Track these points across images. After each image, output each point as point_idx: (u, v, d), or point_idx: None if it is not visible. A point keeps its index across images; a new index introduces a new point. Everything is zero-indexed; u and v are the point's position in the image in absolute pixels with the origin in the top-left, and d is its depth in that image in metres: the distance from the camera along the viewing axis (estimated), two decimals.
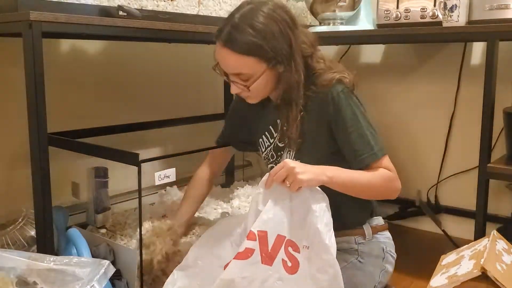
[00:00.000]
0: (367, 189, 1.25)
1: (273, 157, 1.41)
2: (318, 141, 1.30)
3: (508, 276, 1.02)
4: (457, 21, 1.69)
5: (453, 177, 2.13)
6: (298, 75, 1.25)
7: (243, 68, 1.24)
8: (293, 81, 1.25)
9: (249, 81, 1.25)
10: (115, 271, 1.33)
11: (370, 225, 1.36)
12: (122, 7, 1.47)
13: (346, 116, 1.25)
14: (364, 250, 1.33)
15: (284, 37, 1.23)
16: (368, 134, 1.25)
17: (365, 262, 1.32)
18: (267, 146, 1.43)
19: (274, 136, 1.39)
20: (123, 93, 2.05)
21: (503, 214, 2.01)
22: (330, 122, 1.27)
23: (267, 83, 1.27)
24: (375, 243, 1.35)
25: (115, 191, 1.88)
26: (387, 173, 1.24)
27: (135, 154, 1.28)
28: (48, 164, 1.29)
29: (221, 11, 1.83)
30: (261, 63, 1.23)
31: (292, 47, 1.24)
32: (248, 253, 1.09)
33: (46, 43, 1.25)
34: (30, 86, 1.26)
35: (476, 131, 1.63)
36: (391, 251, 1.38)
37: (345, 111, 1.25)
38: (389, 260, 1.36)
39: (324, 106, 1.26)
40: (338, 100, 1.25)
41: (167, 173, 1.33)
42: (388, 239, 1.39)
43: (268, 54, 1.22)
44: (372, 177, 1.23)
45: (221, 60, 1.27)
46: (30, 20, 1.20)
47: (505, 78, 1.88)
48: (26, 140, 1.30)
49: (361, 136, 1.24)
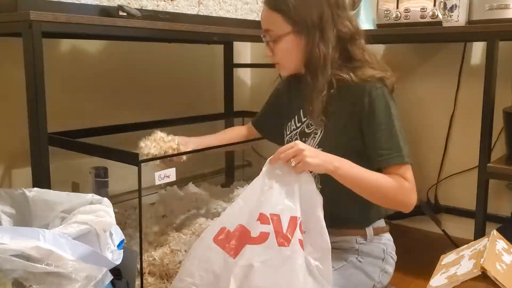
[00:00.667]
0: (375, 191, 1.21)
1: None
2: (345, 133, 1.27)
3: (508, 276, 1.02)
4: (457, 21, 1.69)
5: (453, 177, 2.13)
6: (325, 48, 1.24)
7: (270, 24, 1.28)
8: (318, 52, 1.24)
9: (274, 42, 1.28)
10: (115, 271, 1.33)
11: (373, 226, 1.35)
12: (122, 7, 1.47)
13: (380, 113, 1.23)
14: (364, 250, 1.33)
15: (317, 8, 1.24)
16: (400, 136, 1.22)
17: (364, 262, 1.32)
18: (292, 129, 1.40)
19: (303, 120, 1.37)
20: (123, 93, 2.05)
21: (503, 214, 2.01)
22: (362, 115, 1.24)
23: (291, 49, 1.28)
24: (376, 244, 1.35)
25: (115, 191, 1.88)
26: (403, 183, 1.21)
27: (135, 154, 1.28)
28: (48, 164, 1.29)
29: (221, 11, 1.83)
30: (286, 24, 1.25)
31: (322, 19, 1.24)
32: (264, 237, 1.07)
33: (46, 43, 1.26)
34: (30, 86, 1.26)
35: (476, 131, 1.63)
36: (392, 252, 1.37)
37: (380, 108, 1.23)
38: (389, 261, 1.36)
39: (360, 98, 1.24)
40: (375, 96, 1.23)
41: (167, 173, 1.33)
42: (389, 241, 1.38)
43: (294, 17, 1.23)
44: (384, 180, 1.20)
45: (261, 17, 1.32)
46: (30, 20, 1.20)
47: (505, 78, 1.88)
48: (26, 140, 1.30)
49: (392, 136, 1.22)
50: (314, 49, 1.25)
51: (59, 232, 0.96)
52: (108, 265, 1.02)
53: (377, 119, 1.23)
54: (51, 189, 1.25)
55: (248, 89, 2.69)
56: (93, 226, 1.02)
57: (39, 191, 1.18)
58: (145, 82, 2.13)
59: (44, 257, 0.91)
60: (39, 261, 0.91)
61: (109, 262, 1.03)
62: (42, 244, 0.91)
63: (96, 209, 1.09)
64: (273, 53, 1.30)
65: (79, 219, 1.03)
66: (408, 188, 1.21)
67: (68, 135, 1.62)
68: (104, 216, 1.07)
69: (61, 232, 0.97)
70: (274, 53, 1.30)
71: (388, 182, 1.20)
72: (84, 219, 1.03)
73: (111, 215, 1.09)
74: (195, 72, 2.34)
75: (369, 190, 1.21)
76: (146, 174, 1.31)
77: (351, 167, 1.19)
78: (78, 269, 0.93)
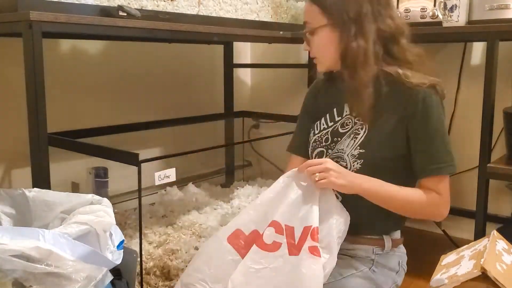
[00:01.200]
0: (405, 209, 1.22)
1: (326, 141, 1.31)
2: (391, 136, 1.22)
3: (508, 276, 1.02)
4: (457, 21, 1.68)
5: (453, 177, 2.13)
6: (364, 41, 1.19)
7: (308, 16, 1.25)
8: (355, 46, 1.19)
9: (311, 34, 1.24)
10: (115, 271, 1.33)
11: (391, 237, 1.31)
12: (122, 7, 1.47)
13: (434, 119, 1.18)
14: (380, 261, 1.28)
15: (356, 3, 1.19)
16: (450, 144, 1.20)
17: (377, 272, 1.29)
18: (322, 128, 1.33)
19: (336, 120, 1.31)
20: (123, 93, 2.05)
21: (503, 214, 2.01)
22: (413, 120, 1.20)
23: (327, 43, 1.23)
24: (392, 255, 1.30)
25: (115, 191, 1.88)
26: (434, 198, 1.20)
27: (135, 154, 1.28)
28: (48, 164, 1.29)
29: (221, 11, 1.83)
30: (322, 17, 1.22)
31: (360, 14, 1.19)
32: (276, 246, 1.09)
33: (46, 43, 1.25)
34: (30, 86, 1.26)
35: (476, 131, 1.63)
36: (405, 265, 1.34)
37: (433, 116, 1.18)
38: (401, 274, 1.33)
39: (412, 102, 1.19)
40: (430, 102, 1.18)
41: (167, 173, 1.32)
42: (404, 254, 1.34)
43: (330, 10, 1.20)
44: (414, 198, 1.19)
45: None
46: (30, 20, 1.20)
47: (505, 78, 1.88)
48: (26, 140, 1.30)
49: (444, 144, 1.19)
50: (350, 43, 1.20)
51: (59, 232, 0.96)
52: (108, 265, 1.02)
53: (430, 126, 1.19)
54: (51, 189, 1.25)
55: (248, 89, 2.68)
56: (93, 226, 1.02)
57: (39, 191, 1.18)
58: (145, 82, 2.13)
59: (44, 257, 0.91)
60: (39, 261, 0.91)
61: (109, 262, 1.03)
62: (42, 244, 0.91)
63: (96, 209, 1.09)
64: (310, 46, 1.26)
65: (79, 219, 1.03)
66: (439, 203, 1.21)
67: (68, 135, 1.62)
68: (104, 216, 1.07)
69: (61, 232, 0.97)
70: (310, 46, 1.26)
71: (419, 198, 1.19)
72: (84, 219, 1.03)
73: (111, 215, 1.09)
74: (195, 72, 2.34)
75: (398, 208, 1.20)
76: (146, 174, 1.31)
77: (381, 187, 1.18)
78: (78, 269, 0.93)
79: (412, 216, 1.25)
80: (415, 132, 1.20)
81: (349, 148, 1.25)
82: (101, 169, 1.69)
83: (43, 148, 1.27)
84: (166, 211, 1.81)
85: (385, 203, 1.18)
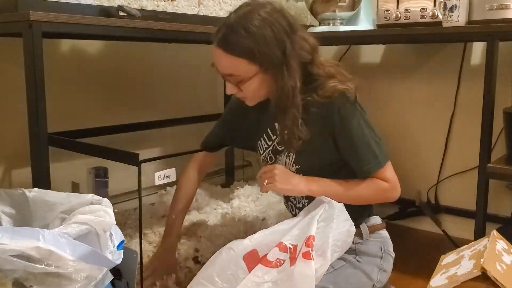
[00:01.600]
0: (358, 201, 1.31)
1: (271, 160, 1.42)
2: (320, 149, 1.31)
3: (508, 276, 1.02)
4: (457, 21, 1.68)
5: (453, 177, 2.14)
6: (293, 81, 1.23)
7: (234, 70, 1.24)
8: (287, 87, 1.23)
9: (241, 83, 1.25)
10: (115, 271, 1.33)
11: (367, 224, 1.37)
12: (122, 7, 1.47)
13: (352, 127, 1.26)
14: (361, 249, 1.34)
15: (278, 43, 1.21)
16: (373, 143, 1.28)
17: (362, 261, 1.32)
18: (265, 148, 1.43)
19: (273, 139, 1.39)
20: (123, 93, 2.05)
21: (503, 214, 2.01)
22: (335, 132, 1.28)
23: (260, 86, 1.27)
24: (372, 242, 1.36)
25: (115, 191, 1.88)
26: (383, 186, 1.30)
27: (135, 154, 1.28)
28: (48, 164, 1.29)
29: (221, 11, 1.83)
30: (252, 66, 1.22)
31: (285, 53, 1.22)
32: (279, 263, 1.12)
33: (46, 43, 1.25)
34: (30, 86, 1.26)
35: (476, 131, 1.63)
36: (389, 250, 1.38)
37: (351, 122, 1.26)
38: (387, 259, 1.36)
39: (329, 116, 1.26)
40: (344, 112, 1.25)
41: (167, 173, 1.32)
42: (386, 238, 1.39)
43: (259, 58, 1.21)
44: (364, 190, 1.30)
45: (215, 60, 1.27)
46: (30, 20, 1.20)
47: (505, 78, 1.88)
48: (26, 140, 1.30)
49: (367, 146, 1.28)
50: (284, 85, 1.24)
51: (59, 232, 0.96)
52: (108, 265, 1.02)
53: (350, 134, 1.27)
54: (51, 189, 1.25)
55: None
56: (93, 226, 1.02)
57: (39, 192, 1.18)
58: (145, 82, 2.13)
59: (44, 257, 0.91)
60: (39, 261, 0.91)
61: (109, 262, 1.03)
62: (42, 244, 0.91)
63: (96, 209, 1.09)
64: (239, 91, 1.28)
65: (79, 219, 1.03)
66: (388, 187, 1.30)
67: (68, 135, 1.62)
68: (104, 216, 1.07)
69: (61, 232, 0.97)
70: (242, 91, 1.28)
71: (369, 189, 1.30)
72: (84, 219, 1.03)
73: (111, 216, 1.09)
74: (195, 72, 2.34)
75: (350, 201, 1.26)
76: (146, 174, 1.31)
77: (328, 187, 1.28)
78: (78, 269, 0.93)
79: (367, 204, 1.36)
80: (340, 142, 1.29)
81: (288, 165, 1.35)
82: (101, 169, 1.69)
83: (43, 148, 1.28)
84: (166, 211, 1.81)
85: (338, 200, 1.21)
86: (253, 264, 1.13)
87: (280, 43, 1.21)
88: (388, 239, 1.39)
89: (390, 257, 1.37)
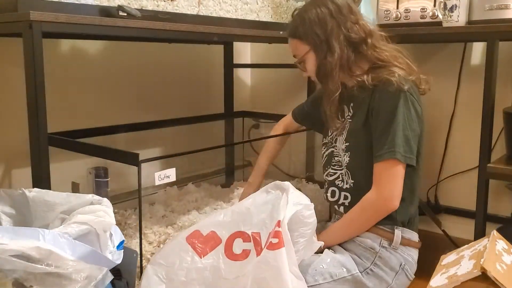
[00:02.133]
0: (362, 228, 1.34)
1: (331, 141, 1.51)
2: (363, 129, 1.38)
3: (508, 276, 1.02)
4: (457, 21, 1.69)
5: (453, 177, 2.13)
6: (332, 57, 1.35)
7: (294, 51, 1.44)
8: (325, 62, 1.36)
9: (302, 63, 1.44)
10: (115, 271, 1.33)
11: (402, 234, 1.35)
12: (122, 7, 1.47)
13: (386, 107, 1.31)
14: (383, 255, 1.31)
15: (321, 22, 1.35)
16: (400, 134, 1.28)
17: (373, 274, 1.29)
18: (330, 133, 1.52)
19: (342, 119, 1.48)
20: (123, 93, 2.05)
21: (503, 214, 2.01)
22: (373, 112, 1.34)
23: (313, 64, 1.40)
24: (395, 255, 1.33)
25: (115, 191, 1.88)
26: (367, 200, 1.31)
27: (135, 154, 1.28)
28: (48, 164, 1.29)
29: (221, 11, 1.83)
30: (304, 45, 1.40)
31: (327, 32, 1.35)
32: (246, 254, 1.17)
33: (46, 43, 1.25)
34: (30, 86, 1.26)
35: (476, 131, 1.63)
36: (408, 269, 1.35)
37: (387, 103, 1.31)
38: (401, 278, 1.33)
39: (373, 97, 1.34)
40: (385, 92, 1.31)
41: (167, 173, 1.33)
42: (411, 259, 1.36)
43: (307, 37, 1.38)
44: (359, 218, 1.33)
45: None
46: (30, 20, 1.20)
47: (505, 78, 1.88)
48: (26, 140, 1.30)
49: (392, 134, 1.28)
50: (322, 60, 1.37)
51: (59, 232, 0.96)
52: (108, 265, 1.02)
53: (381, 113, 1.31)
54: (51, 189, 1.25)
55: (248, 89, 2.68)
56: (93, 227, 1.02)
57: (39, 192, 1.18)
58: (145, 82, 2.13)
59: (44, 258, 0.91)
60: (39, 262, 0.91)
61: (109, 261, 1.03)
62: (42, 244, 0.91)
63: (96, 209, 1.09)
64: (305, 71, 1.45)
65: (79, 219, 1.03)
66: (373, 200, 1.31)
67: (68, 135, 1.61)
68: (104, 216, 1.07)
69: (61, 232, 0.97)
70: (306, 71, 1.44)
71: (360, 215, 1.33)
72: (84, 219, 1.04)
73: (111, 215, 1.09)
74: (195, 72, 2.34)
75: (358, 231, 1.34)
76: (146, 174, 1.31)
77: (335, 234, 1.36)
78: (78, 269, 0.93)
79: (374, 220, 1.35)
80: (373, 118, 1.35)
81: (340, 144, 1.43)
82: (101, 169, 1.69)
83: (43, 148, 1.27)
84: (166, 211, 1.81)
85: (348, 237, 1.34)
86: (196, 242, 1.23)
87: (323, 22, 1.35)
88: (413, 260, 1.37)
89: (405, 278, 1.35)
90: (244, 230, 1.21)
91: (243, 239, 1.20)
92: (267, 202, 1.23)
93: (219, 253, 1.21)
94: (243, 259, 1.18)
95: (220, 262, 1.20)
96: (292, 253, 1.13)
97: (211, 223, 1.26)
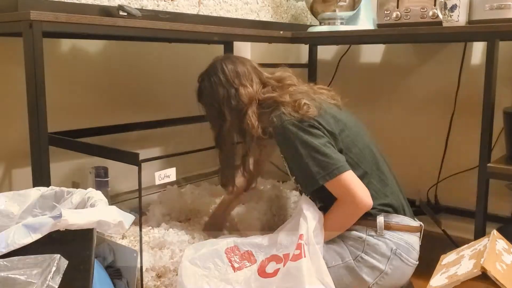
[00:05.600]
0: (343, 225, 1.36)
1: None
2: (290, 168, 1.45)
3: (508, 276, 1.02)
4: (457, 21, 1.69)
5: (453, 177, 2.13)
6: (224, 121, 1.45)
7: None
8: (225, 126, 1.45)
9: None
10: (115, 271, 1.33)
11: (386, 219, 1.35)
12: (123, 7, 1.47)
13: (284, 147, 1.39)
14: (371, 243, 1.32)
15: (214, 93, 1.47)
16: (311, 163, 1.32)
17: (363, 262, 1.31)
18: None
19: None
20: (123, 93, 2.05)
21: (503, 214, 2.01)
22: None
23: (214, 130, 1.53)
24: (384, 240, 1.33)
25: (115, 191, 1.88)
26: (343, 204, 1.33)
27: (135, 154, 1.28)
28: (48, 164, 1.29)
29: (221, 11, 1.83)
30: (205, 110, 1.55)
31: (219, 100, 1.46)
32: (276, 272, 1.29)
33: (46, 43, 1.26)
34: (30, 85, 1.26)
35: (476, 131, 1.63)
36: (403, 255, 1.33)
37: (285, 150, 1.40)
38: (395, 264, 1.32)
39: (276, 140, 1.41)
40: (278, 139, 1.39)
41: (167, 173, 1.33)
42: (404, 242, 1.34)
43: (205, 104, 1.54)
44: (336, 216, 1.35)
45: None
46: (31, 20, 1.20)
47: (505, 78, 1.88)
48: (26, 140, 1.30)
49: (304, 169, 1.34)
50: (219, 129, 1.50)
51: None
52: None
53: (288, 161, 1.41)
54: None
55: None
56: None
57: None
58: (145, 82, 2.13)
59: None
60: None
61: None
62: None
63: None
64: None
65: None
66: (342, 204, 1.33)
67: (68, 135, 1.61)
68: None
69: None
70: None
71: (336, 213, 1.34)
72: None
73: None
74: (195, 72, 2.33)
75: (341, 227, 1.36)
76: (146, 174, 1.31)
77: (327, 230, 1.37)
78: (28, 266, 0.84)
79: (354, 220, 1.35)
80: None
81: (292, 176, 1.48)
82: (101, 169, 1.69)
83: (43, 148, 1.28)
84: (166, 211, 1.81)
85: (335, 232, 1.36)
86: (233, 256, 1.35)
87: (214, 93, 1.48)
88: (407, 244, 1.35)
89: (401, 262, 1.33)
90: (277, 253, 1.31)
91: (276, 262, 1.30)
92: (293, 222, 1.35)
93: (251, 271, 1.32)
94: (274, 276, 1.28)
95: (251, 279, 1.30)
96: (316, 263, 1.23)
97: (250, 243, 1.38)
